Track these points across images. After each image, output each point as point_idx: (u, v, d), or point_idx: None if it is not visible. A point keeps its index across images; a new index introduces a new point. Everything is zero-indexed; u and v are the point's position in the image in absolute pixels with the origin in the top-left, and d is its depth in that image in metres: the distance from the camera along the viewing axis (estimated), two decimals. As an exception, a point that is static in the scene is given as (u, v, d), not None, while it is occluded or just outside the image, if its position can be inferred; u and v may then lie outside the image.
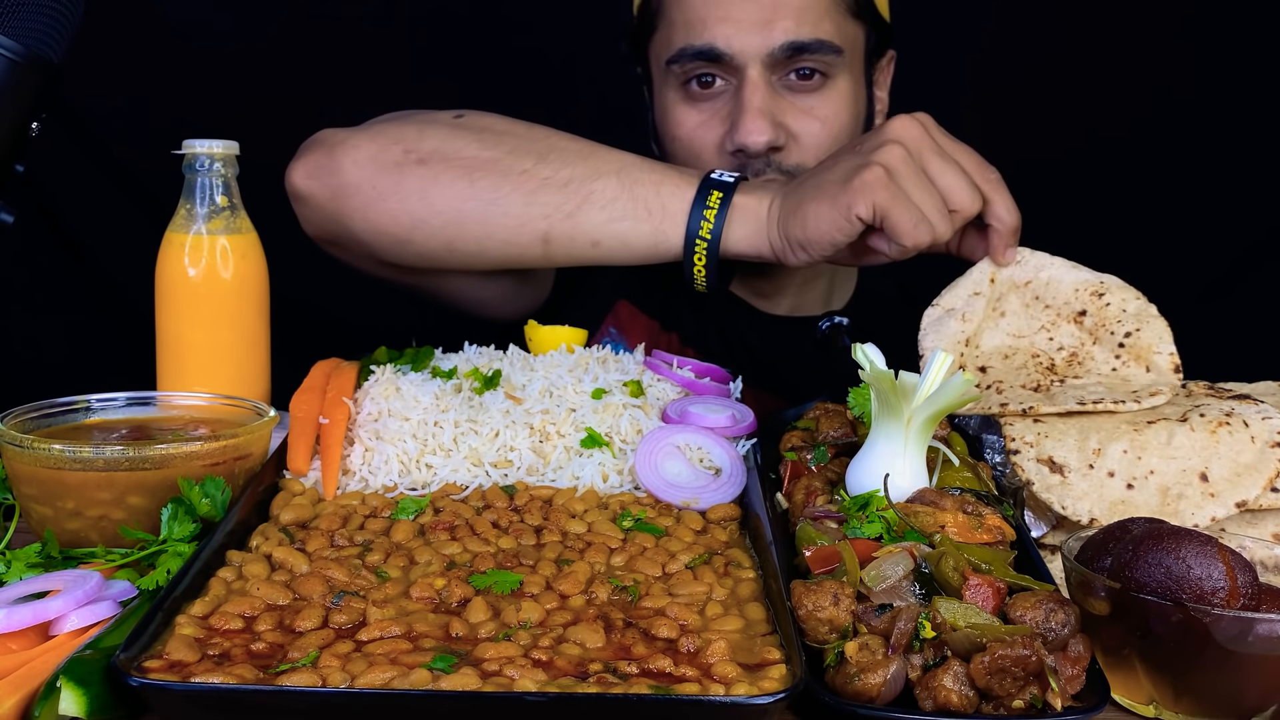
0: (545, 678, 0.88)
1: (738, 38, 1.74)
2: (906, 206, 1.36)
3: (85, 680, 0.86)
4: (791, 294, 2.01)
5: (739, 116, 1.75)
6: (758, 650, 0.93)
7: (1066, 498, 1.18)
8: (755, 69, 1.75)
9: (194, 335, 1.45)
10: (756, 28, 1.74)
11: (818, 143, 1.80)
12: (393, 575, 1.06)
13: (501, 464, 1.30)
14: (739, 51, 1.74)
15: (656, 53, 1.87)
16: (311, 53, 2.50)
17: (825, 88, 1.80)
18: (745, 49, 1.74)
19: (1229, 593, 0.91)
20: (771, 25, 1.74)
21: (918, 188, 1.38)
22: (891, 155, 1.38)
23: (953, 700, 0.87)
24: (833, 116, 1.81)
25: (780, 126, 1.77)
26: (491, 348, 1.52)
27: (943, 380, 1.12)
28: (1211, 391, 1.30)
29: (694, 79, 1.80)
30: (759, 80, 1.75)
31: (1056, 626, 0.91)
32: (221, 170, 1.44)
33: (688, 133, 1.83)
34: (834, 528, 1.08)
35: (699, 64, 1.78)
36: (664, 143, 1.90)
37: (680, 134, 1.84)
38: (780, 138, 1.77)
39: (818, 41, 1.75)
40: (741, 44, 1.74)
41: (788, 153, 1.79)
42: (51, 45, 1.27)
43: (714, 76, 1.79)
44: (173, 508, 1.15)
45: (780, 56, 1.75)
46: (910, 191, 1.37)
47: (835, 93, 1.81)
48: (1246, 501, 1.15)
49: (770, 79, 1.77)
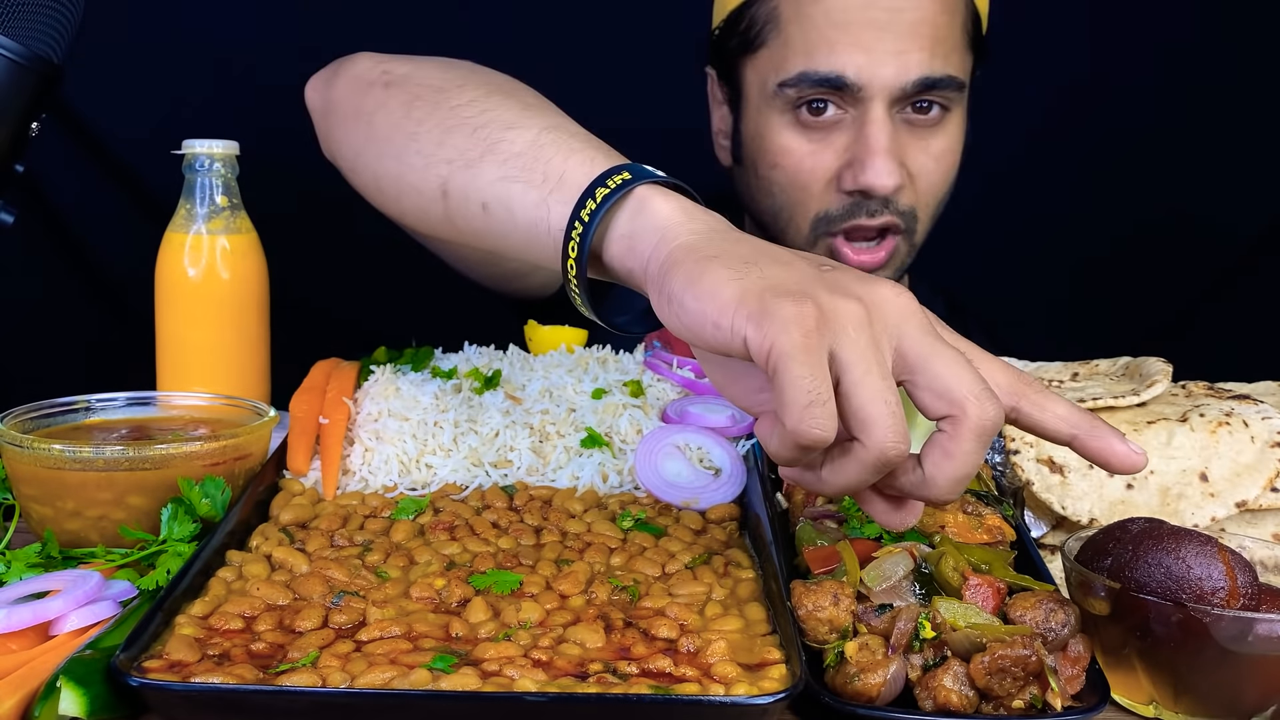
0: (545, 678, 0.88)
1: (869, 68, 1.62)
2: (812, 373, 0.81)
3: (85, 680, 0.86)
4: None
5: (865, 157, 1.65)
6: (758, 650, 0.93)
7: (1066, 498, 1.18)
8: (880, 104, 1.64)
9: (194, 335, 1.45)
10: (889, 58, 1.62)
11: (931, 183, 1.73)
12: (393, 575, 1.06)
13: (501, 464, 1.30)
14: (868, 83, 1.63)
15: (760, 71, 1.74)
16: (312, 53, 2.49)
17: (942, 122, 1.71)
18: (874, 80, 1.63)
19: (1229, 593, 0.91)
20: (906, 56, 1.62)
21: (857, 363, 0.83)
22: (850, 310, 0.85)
23: (953, 700, 0.87)
24: (947, 153, 1.73)
25: (903, 168, 1.68)
26: (491, 348, 1.52)
27: None
28: (1211, 391, 1.30)
29: (805, 104, 1.69)
30: (884, 117, 1.65)
31: (1056, 626, 0.92)
32: (221, 170, 1.44)
33: (795, 162, 1.71)
34: (834, 528, 1.08)
35: (818, 90, 1.66)
36: (759, 166, 1.77)
37: (786, 163, 1.72)
38: (904, 180, 1.68)
39: (948, 77, 1.66)
40: (872, 75, 1.62)
41: (904, 192, 1.71)
42: (51, 45, 1.27)
43: (827, 103, 1.68)
44: (173, 508, 1.15)
45: (910, 92, 1.65)
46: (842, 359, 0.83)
47: (952, 127, 1.73)
48: (1246, 501, 1.15)
49: (892, 113, 1.67)
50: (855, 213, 1.70)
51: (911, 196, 1.72)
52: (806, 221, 1.74)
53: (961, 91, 1.71)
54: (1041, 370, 1.41)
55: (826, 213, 1.72)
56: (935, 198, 1.76)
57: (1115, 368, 1.38)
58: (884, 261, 1.75)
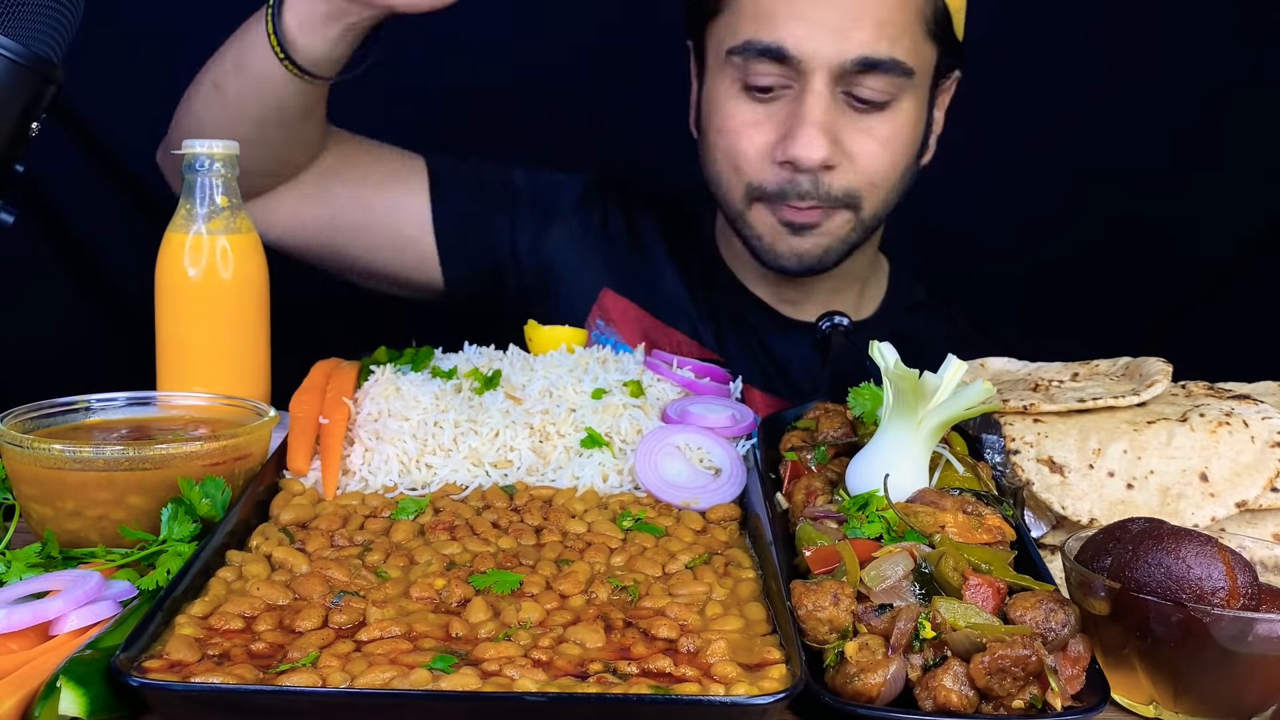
0: (545, 678, 0.88)
1: (809, 41, 1.65)
2: None
3: (85, 680, 0.86)
4: (821, 300, 1.96)
5: (796, 128, 1.68)
6: (758, 650, 0.93)
7: (1066, 498, 1.18)
8: (821, 79, 1.66)
9: (194, 335, 1.45)
10: (831, 34, 1.65)
11: (874, 165, 1.73)
12: (393, 575, 1.06)
13: (501, 464, 1.30)
14: (809, 56, 1.65)
15: (717, 37, 1.78)
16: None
17: (889, 108, 1.72)
18: (815, 54, 1.65)
19: (1229, 593, 0.91)
20: (848, 34, 1.65)
21: None
22: None
23: (953, 700, 0.87)
24: (892, 138, 1.73)
25: (837, 144, 1.70)
26: (491, 348, 1.52)
27: (956, 386, 1.12)
28: (1211, 391, 1.30)
29: (753, 75, 1.71)
30: (823, 91, 1.67)
31: (1056, 626, 0.92)
32: (221, 170, 1.44)
33: (735, 128, 1.74)
34: (834, 528, 1.08)
35: (762, 60, 1.69)
36: (707, 132, 1.82)
37: (728, 129, 1.75)
38: (835, 157, 1.70)
39: (892, 60, 1.67)
40: (813, 49, 1.65)
41: (840, 173, 1.72)
42: (51, 45, 1.27)
43: (774, 76, 1.70)
44: (173, 508, 1.15)
45: (850, 70, 1.66)
46: None
47: (899, 114, 1.73)
48: (1246, 501, 1.15)
49: (834, 91, 1.68)
50: (786, 193, 1.73)
51: (850, 177, 1.73)
52: (741, 188, 1.77)
53: (910, 78, 1.71)
54: (1041, 370, 1.41)
55: (761, 186, 1.75)
56: (884, 181, 1.76)
57: (1115, 368, 1.39)
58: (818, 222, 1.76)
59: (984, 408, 1.15)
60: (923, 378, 1.11)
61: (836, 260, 1.82)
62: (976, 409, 1.13)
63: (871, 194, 1.77)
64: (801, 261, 1.80)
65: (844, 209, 1.76)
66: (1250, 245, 2.62)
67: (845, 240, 1.81)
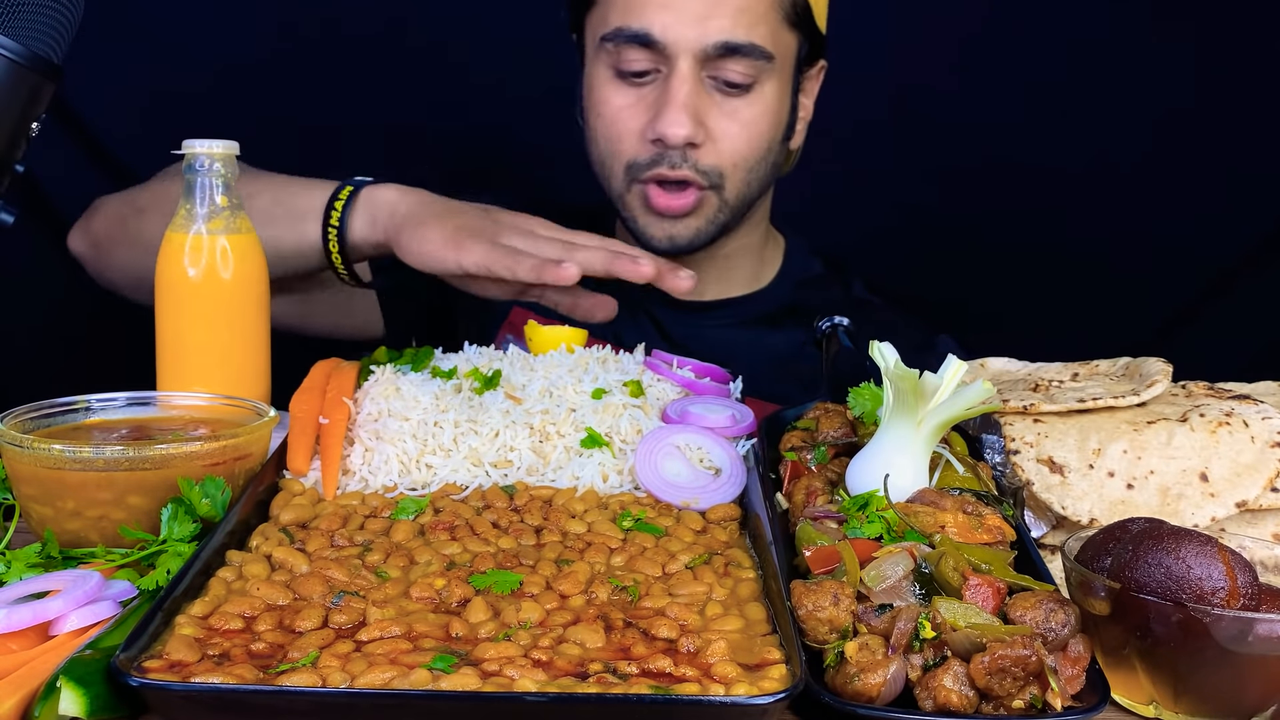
0: (545, 678, 0.88)
1: (674, 28, 1.76)
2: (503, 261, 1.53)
3: (85, 680, 0.86)
4: (714, 279, 2.03)
5: (663, 108, 1.78)
6: (758, 650, 0.93)
7: (1066, 498, 1.18)
8: (686, 62, 1.77)
9: (194, 335, 1.45)
10: (694, 21, 1.76)
11: (734, 146, 1.84)
12: (393, 575, 1.06)
13: (501, 464, 1.30)
14: (673, 42, 1.76)
15: (593, 26, 1.89)
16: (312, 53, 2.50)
17: (752, 92, 1.83)
18: (679, 40, 1.76)
19: (1229, 593, 0.91)
20: (708, 21, 1.76)
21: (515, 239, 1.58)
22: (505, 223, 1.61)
23: (953, 700, 0.87)
24: (754, 121, 1.84)
25: (701, 125, 1.80)
26: (491, 348, 1.52)
27: (956, 386, 1.12)
28: (1211, 391, 1.30)
29: (625, 61, 1.82)
30: (688, 74, 1.77)
31: (1056, 626, 0.92)
32: (221, 170, 1.44)
33: (612, 112, 1.85)
34: (834, 528, 1.08)
35: (632, 46, 1.80)
36: (588, 117, 1.92)
37: (605, 112, 1.87)
38: (700, 135, 1.80)
39: (751, 45, 1.78)
40: (677, 35, 1.76)
41: (705, 151, 1.82)
42: (51, 45, 1.27)
43: (645, 61, 1.81)
44: (173, 508, 1.15)
45: (713, 54, 1.77)
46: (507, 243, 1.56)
47: (760, 98, 1.84)
48: (1246, 501, 1.15)
49: (700, 75, 1.79)
50: (659, 162, 1.83)
51: (714, 156, 1.83)
52: (620, 168, 1.88)
53: (770, 63, 1.81)
54: (1041, 370, 1.41)
55: (635, 161, 1.85)
56: (744, 162, 1.86)
57: (1115, 368, 1.39)
58: (690, 207, 1.86)
59: (984, 408, 1.15)
60: (923, 378, 1.12)
61: (707, 241, 1.92)
62: (976, 409, 1.13)
63: (733, 174, 1.86)
64: (674, 243, 1.89)
65: (710, 190, 1.86)
66: (1254, 246, 2.62)
67: (714, 222, 1.90)
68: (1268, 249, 2.61)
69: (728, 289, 2.06)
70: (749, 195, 1.92)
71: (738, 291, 2.07)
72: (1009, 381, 1.38)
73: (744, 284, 2.07)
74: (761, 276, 2.10)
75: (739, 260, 2.05)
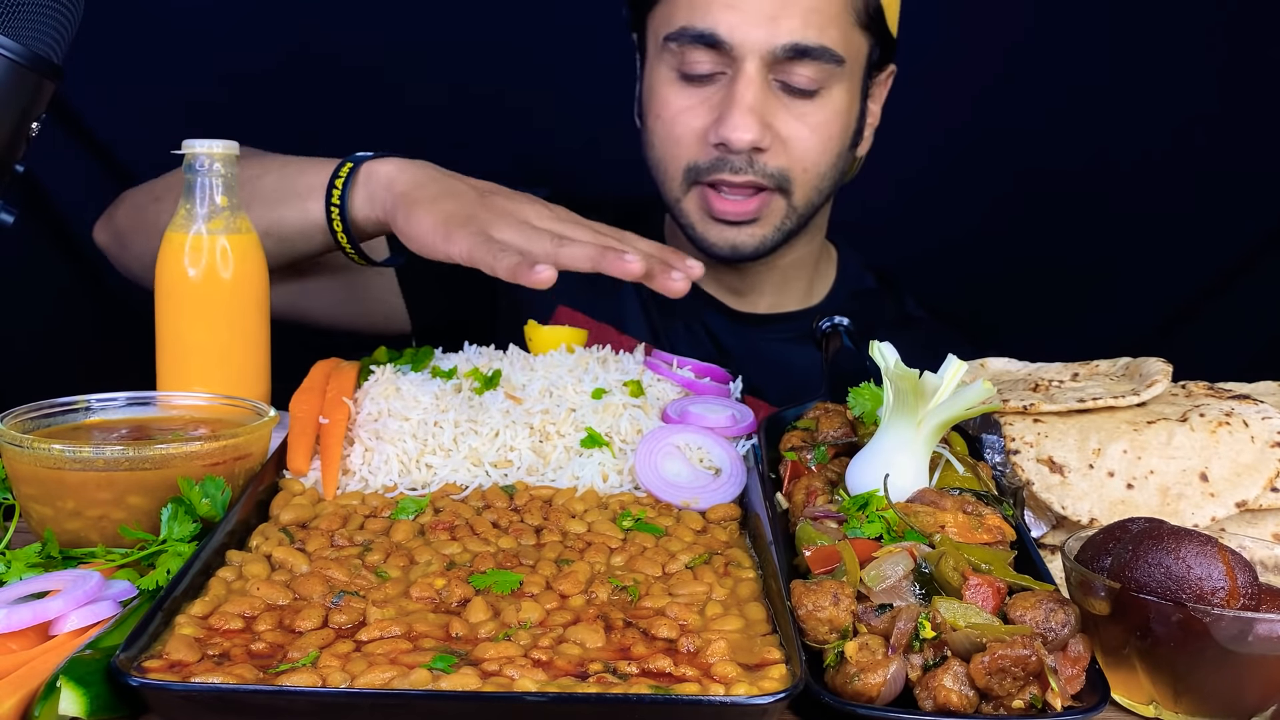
0: (545, 678, 0.88)
1: (741, 28, 1.70)
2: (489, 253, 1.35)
3: (85, 680, 0.86)
4: (770, 291, 2.00)
5: (728, 110, 1.72)
6: (758, 650, 0.93)
7: (1066, 498, 1.18)
8: (753, 63, 1.71)
9: (194, 335, 1.45)
10: (762, 21, 1.70)
11: (805, 149, 1.78)
12: (393, 575, 1.06)
13: (501, 464, 1.30)
14: (740, 42, 1.71)
15: (655, 26, 1.83)
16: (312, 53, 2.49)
17: (820, 96, 1.77)
18: (747, 40, 1.70)
19: (1229, 593, 0.91)
20: (778, 21, 1.70)
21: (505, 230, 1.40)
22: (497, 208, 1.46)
23: (953, 700, 0.87)
24: (823, 125, 1.78)
25: (768, 128, 1.74)
26: (491, 348, 1.52)
27: (956, 386, 1.12)
28: (1211, 391, 1.30)
29: (689, 63, 1.76)
30: (754, 76, 1.72)
31: (1056, 626, 0.92)
32: (221, 170, 1.44)
33: (672, 114, 1.80)
34: (834, 528, 1.08)
35: (697, 47, 1.74)
36: (647, 119, 1.87)
37: (665, 115, 1.81)
38: (766, 139, 1.74)
39: (821, 47, 1.72)
40: (744, 35, 1.70)
41: (773, 154, 1.77)
42: (51, 45, 1.27)
43: (709, 63, 1.75)
44: (173, 508, 1.15)
45: (782, 56, 1.71)
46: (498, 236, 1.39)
47: (830, 102, 1.78)
48: (1246, 501, 1.15)
49: (767, 77, 1.74)
50: (720, 167, 1.77)
51: (783, 160, 1.78)
52: (680, 171, 1.82)
53: (840, 66, 1.75)
54: (1041, 370, 1.41)
55: (695, 164, 1.80)
56: (814, 166, 1.81)
57: (1115, 368, 1.39)
58: (756, 213, 1.81)
59: (984, 408, 1.15)
60: (923, 378, 1.12)
61: (773, 248, 1.86)
62: (976, 409, 1.13)
63: (803, 179, 1.81)
64: (736, 250, 1.84)
65: (778, 194, 1.80)
66: (1255, 246, 2.62)
67: (780, 229, 1.85)
68: (1268, 248, 2.61)
69: (783, 302, 2.02)
70: (817, 202, 1.86)
71: (793, 305, 2.02)
72: (1009, 381, 1.38)
73: (799, 297, 2.03)
74: (816, 290, 2.06)
75: (796, 272, 2.01)
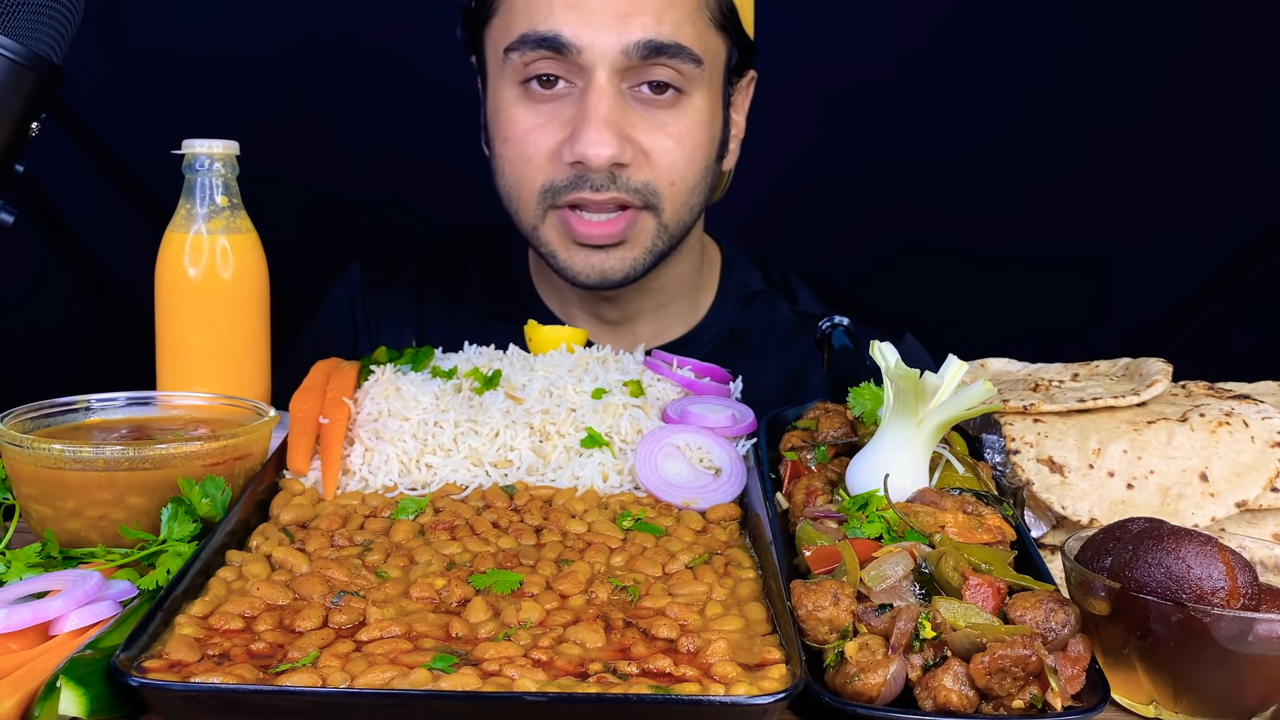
0: (545, 678, 0.88)
1: (588, 30, 1.55)
2: None
3: (85, 680, 0.86)
4: (649, 319, 1.86)
5: (581, 125, 1.58)
6: (758, 650, 0.93)
7: (1066, 498, 1.18)
8: (604, 72, 1.57)
9: (194, 335, 1.45)
10: (611, 22, 1.55)
11: (671, 161, 1.64)
12: (393, 575, 1.06)
13: (501, 464, 1.30)
14: (588, 46, 1.56)
15: (494, 39, 1.67)
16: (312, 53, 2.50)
17: (680, 104, 1.63)
18: (595, 44, 1.56)
19: (1229, 593, 0.91)
20: (628, 20, 1.56)
21: None
22: None
23: (953, 700, 0.87)
24: (687, 134, 1.64)
25: (628, 141, 1.60)
26: (491, 348, 1.52)
27: (956, 386, 1.12)
28: (1211, 391, 1.30)
29: (535, 78, 1.62)
30: (607, 86, 1.58)
31: (1056, 626, 0.92)
32: (221, 170, 1.44)
33: (521, 134, 1.64)
34: (834, 528, 1.08)
35: (541, 55, 1.59)
36: (494, 143, 1.71)
37: (513, 135, 1.65)
38: (626, 153, 1.60)
39: (678, 45, 1.58)
40: (592, 38, 1.56)
41: (636, 169, 1.62)
42: (51, 45, 1.28)
43: (557, 77, 1.61)
44: (173, 508, 1.15)
45: (635, 57, 1.57)
46: None
47: (690, 109, 1.64)
48: (1246, 501, 1.15)
49: (620, 87, 1.60)
50: (579, 185, 1.62)
51: (647, 174, 1.63)
52: (534, 195, 1.67)
53: (700, 68, 1.62)
54: (1041, 371, 1.41)
55: (552, 183, 1.64)
56: (682, 180, 1.66)
57: (1115, 368, 1.39)
58: (622, 234, 1.66)
59: (984, 408, 1.15)
60: (923, 378, 1.12)
61: (644, 272, 1.72)
62: (976, 409, 1.13)
63: (671, 193, 1.66)
64: (605, 278, 1.70)
65: (645, 212, 1.67)
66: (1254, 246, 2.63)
67: (651, 250, 1.70)
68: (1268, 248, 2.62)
69: (665, 329, 1.87)
70: (688, 220, 1.72)
71: (677, 330, 1.88)
72: (1009, 381, 1.38)
73: (681, 316, 1.88)
74: (699, 305, 1.90)
75: (673, 295, 1.85)
